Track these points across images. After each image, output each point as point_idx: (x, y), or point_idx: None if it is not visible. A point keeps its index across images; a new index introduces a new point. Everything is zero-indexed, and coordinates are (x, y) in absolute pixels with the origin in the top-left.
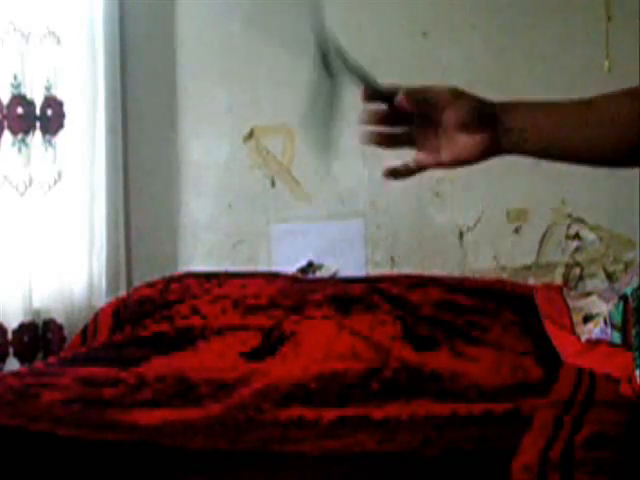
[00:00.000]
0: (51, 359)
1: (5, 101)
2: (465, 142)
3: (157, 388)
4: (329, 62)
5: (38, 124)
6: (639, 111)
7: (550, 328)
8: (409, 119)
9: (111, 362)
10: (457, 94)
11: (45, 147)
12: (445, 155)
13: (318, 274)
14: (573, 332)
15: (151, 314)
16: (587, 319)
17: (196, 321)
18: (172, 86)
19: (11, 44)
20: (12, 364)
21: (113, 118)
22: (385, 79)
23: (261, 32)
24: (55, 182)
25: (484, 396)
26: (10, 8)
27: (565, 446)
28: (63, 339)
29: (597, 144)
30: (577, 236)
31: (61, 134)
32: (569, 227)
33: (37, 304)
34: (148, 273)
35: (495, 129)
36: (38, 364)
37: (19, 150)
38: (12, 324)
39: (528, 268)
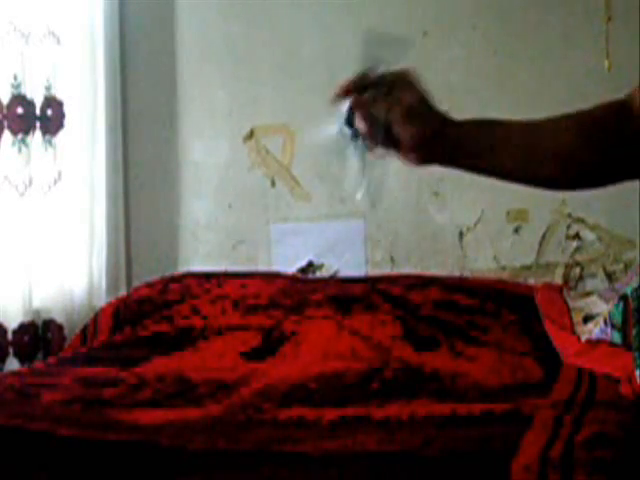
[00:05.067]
0: (51, 359)
1: (5, 101)
2: (407, 130)
3: (157, 388)
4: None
5: (38, 124)
6: (581, 143)
7: (550, 328)
8: None
9: (111, 362)
10: (412, 114)
11: (45, 147)
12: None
13: (318, 274)
14: (573, 332)
15: (151, 314)
16: (587, 319)
17: (196, 321)
18: (172, 86)
19: (11, 44)
20: (12, 364)
21: (113, 118)
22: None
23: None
24: (55, 182)
25: (484, 396)
26: (10, 8)
27: (565, 446)
28: (63, 339)
29: (535, 168)
30: (577, 236)
31: (61, 134)
32: (569, 227)
33: (37, 304)
34: (148, 273)
35: (438, 125)
36: (38, 364)
37: (19, 150)
38: (12, 324)
39: (528, 268)
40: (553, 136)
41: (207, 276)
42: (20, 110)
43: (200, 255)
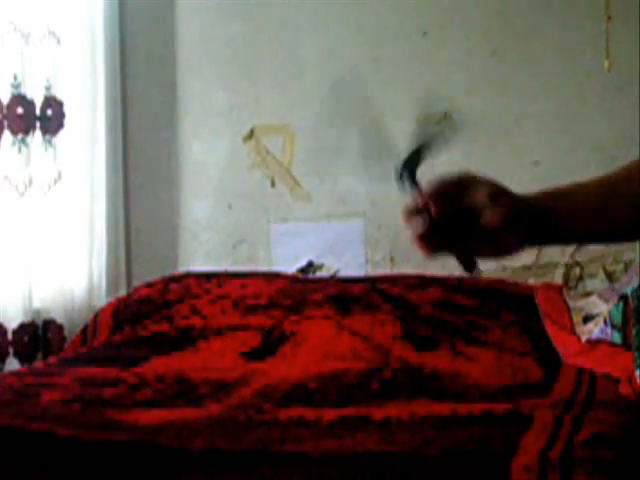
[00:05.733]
0: (51, 359)
1: (5, 101)
2: (502, 242)
3: (157, 388)
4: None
5: (38, 124)
6: None
7: (550, 328)
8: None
9: (111, 362)
10: (494, 196)
11: (45, 147)
12: (484, 252)
13: (318, 274)
14: (573, 332)
15: (151, 314)
16: (587, 319)
17: (196, 321)
18: (172, 86)
19: (11, 44)
20: (12, 364)
21: (113, 118)
22: (386, 78)
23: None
24: (55, 182)
25: (484, 396)
26: (10, 8)
27: (565, 446)
28: (63, 339)
29: (629, 220)
30: None
31: (61, 134)
32: None
33: (37, 304)
34: (148, 273)
35: (529, 226)
36: (38, 364)
37: (19, 150)
38: (12, 324)
39: (528, 268)
40: (628, 183)
41: (207, 276)
42: (20, 110)
43: (200, 255)
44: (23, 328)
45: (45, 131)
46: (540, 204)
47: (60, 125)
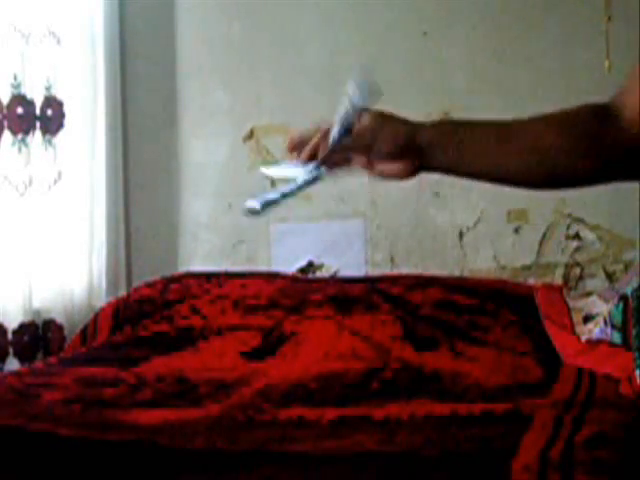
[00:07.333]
0: (51, 359)
1: (5, 101)
2: (390, 167)
3: (157, 388)
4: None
5: (38, 124)
6: (554, 139)
7: (550, 328)
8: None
9: (111, 362)
10: (380, 123)
11: (45, 147)
12: (375, 172)
13: (318, 274)
14: (573, 332)
15: (151, 314)
16: (587, 319)
17: (196, 321)
18: (172, 86)
19: (11, 44)
20: (12, 364)
21: (113, 118)
22: (386, 79)
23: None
24: (55, 182)
25: (484, 396)
26: (10, 8)
27: (565, 446)
28: (63, 339)
29: (516, 171)
30: (577, 236)
31: (61, 134)
32: (569, 227)
33: (37, 304)
34: (148, 273)
35: (417, 155)
36: (38, 364)
37: (19, 150)
38: (12, 324)
39: (528, 268)
40: (532, 135)
41: (207, 276)
42: (20, 110)
43: (200, 255)
44: (23, 328)
45: (45, 131)
46: (430, 138)
47: (60, 125)
